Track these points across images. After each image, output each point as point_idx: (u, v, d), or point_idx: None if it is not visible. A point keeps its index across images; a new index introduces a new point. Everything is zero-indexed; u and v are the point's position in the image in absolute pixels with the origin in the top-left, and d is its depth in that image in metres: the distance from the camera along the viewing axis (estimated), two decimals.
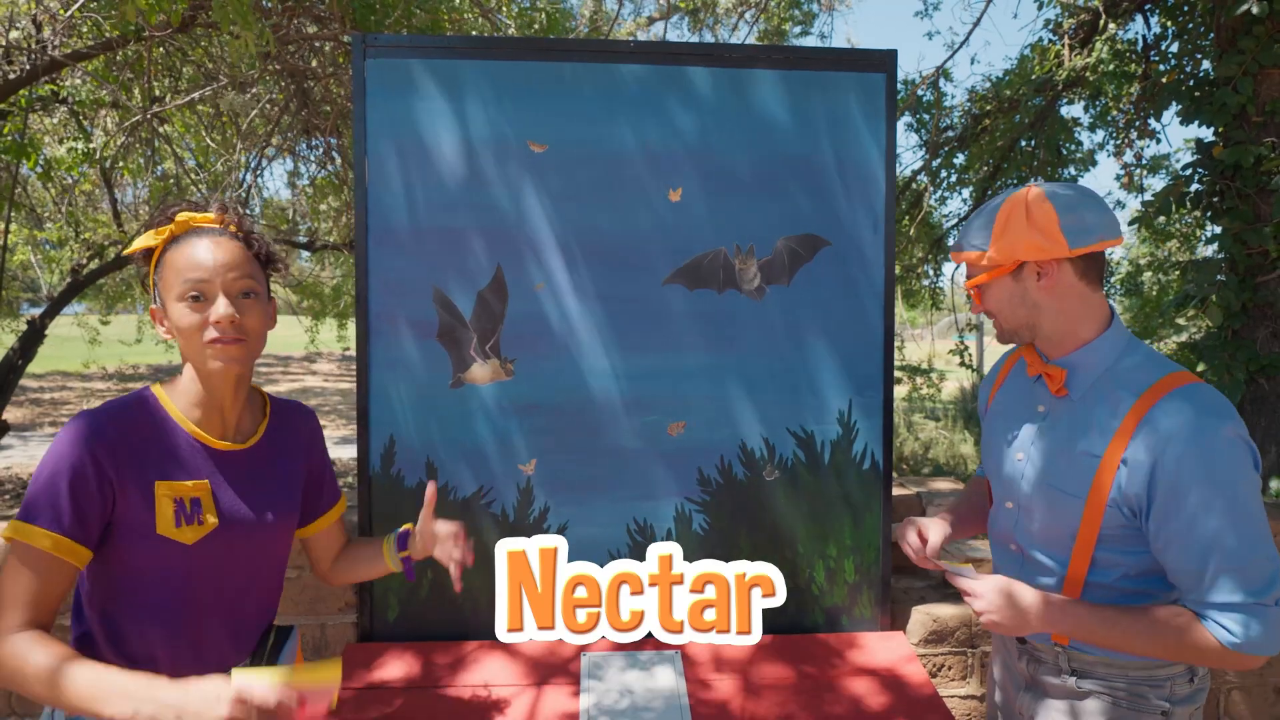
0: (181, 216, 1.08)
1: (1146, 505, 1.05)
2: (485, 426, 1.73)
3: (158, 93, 4.97)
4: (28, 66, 4.16)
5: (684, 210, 1.74)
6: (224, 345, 1.04)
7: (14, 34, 4.20)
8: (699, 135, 1.74)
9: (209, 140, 4.72)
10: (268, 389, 1.11)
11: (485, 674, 1.62)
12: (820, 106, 1.76)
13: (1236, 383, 2.94)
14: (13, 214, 4.67)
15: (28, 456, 7.76)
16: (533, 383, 1.73)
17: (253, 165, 5.45)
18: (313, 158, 5.24)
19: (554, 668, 1.64)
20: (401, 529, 1.32)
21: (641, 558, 1.75)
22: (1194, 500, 1.00)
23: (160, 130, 4.55)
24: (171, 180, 5.95)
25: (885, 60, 1.77)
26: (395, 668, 1.62)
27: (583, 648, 1.70)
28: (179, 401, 1.10)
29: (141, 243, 1.08)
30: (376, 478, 1.72)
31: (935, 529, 1.30)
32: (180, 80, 5.02)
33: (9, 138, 4.73)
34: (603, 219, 1.73)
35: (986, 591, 1.10)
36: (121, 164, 5.39)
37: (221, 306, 1.03)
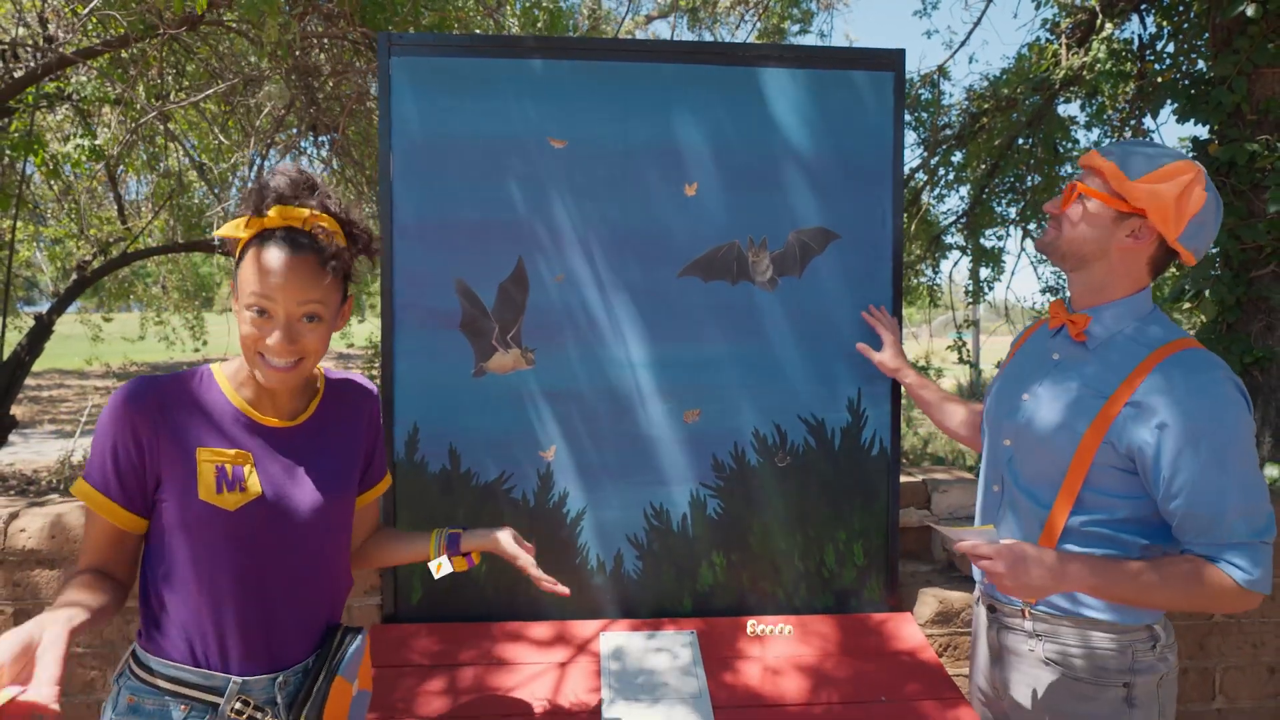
0: (274, 212, 1.04)
1: (1155, 453, 1.10)
2: (507, 414, 1.78)
3: (163, 90, 5.00)
4: (33, 64, 4.19)
5: (699, 204, 1.79)
6: (275, 371, 1.05)
7: (21, 31, 4.23)
8: (714, 131, 1.79)
9: (221, 138, 4.75)
10: None
11: (508, 654, 1.67)
12: (831, 103, 1.81)
13: None
14: (18, 211, 4.70)
15: (32, 453, 7.78)
16: (553, 371, 1.78)
17: (258, 163, 5.48)
18: (318, 155, 5.27)
19: (575, 648, 1.69)
20: (452, 530, 1.34)
21: (659, 542, 1.82)
22: (1207, 450, 1.07)
23: (168, 127, 4.58)
24: (173, 177, 5.98)
25: (894, 59, 1.83)
26: (421, 648, 1.67)
27: (603, 627, 1.75)
28: (233, 380, 1.13)
29: (229, 231, 1.07)
30: (401, 464, 1.77)
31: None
32: (184, 77, 5.05)
33: (15, 134, 4.76)
34: (621, 213, 1.78)
35: (1002, 553, 1.09)
36: (126, 161, 5.42)
37: (277, 335, 1.03)
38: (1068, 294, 1.31)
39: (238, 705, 1.05)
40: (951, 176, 6.91)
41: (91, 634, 1.74)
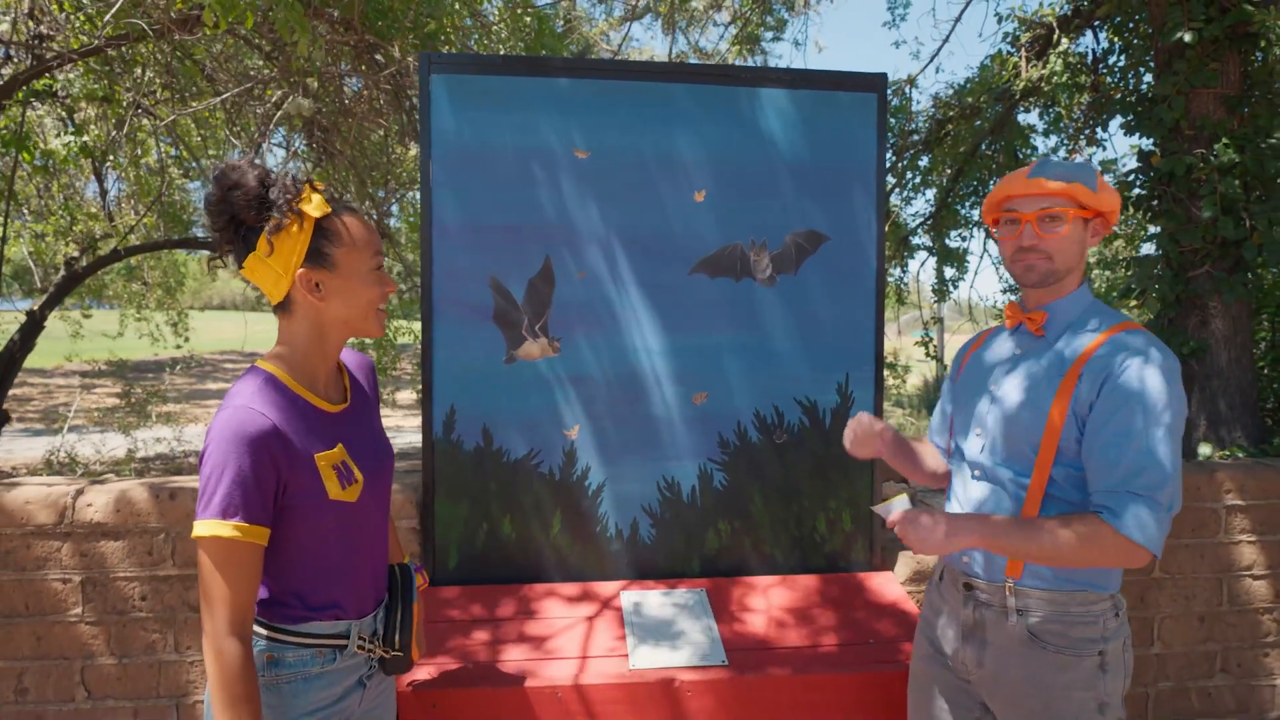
0: (320, 184, 1.17)
1: (1089, 410, 1.21)
2: (535, 397, 1.97)
3: (154, 89, 5.06)
4: (27, 62, 4.24)
5: (707, 209, 2.01)
6: (384, 314, 1.21)
7: (7, 28, 4.27)
8: (720, 144, 2.01)
9: (226, 134, 4.83)
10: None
11: (542, 610, 1.87)
12: (822, 120, 2.04)
13: None
14: (5, 206, 4.71)
15: (4, 451, 7.70)
16: (576, 358, 1.98)
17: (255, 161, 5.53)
18: (309, 156, 5.37)
19: (600, 604, 1.90)
20: (421, 571, 1.44)
21: (670, 511, 2.03)
22: (1127, 410, 1.17)
23: (171, 127, 4.65)
24: (160, 174, 6.02)
25: (876, 82, 2.07)
26: (461, 608, 1.86)
27: (622, 587, 1.96)
28: (294, 376, 1.17)
29: (317, 209, 1.13)
30: (439, 442, 1.95)
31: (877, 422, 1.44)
32: (174, 75, 5.11)
33: (5, 130, 4.78)
34: (637, 216, 1.99)
35: (910, 518, 1.21)
36: (112, 158, 5.45)
37: (393, 282, 1.22)
38: (1017, 296, 1.45)
39: (359, 642, 1.21)
40: (918, 180, 7.24)
41: (153, 599, 1.90)
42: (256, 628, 1.15)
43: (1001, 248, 1.35)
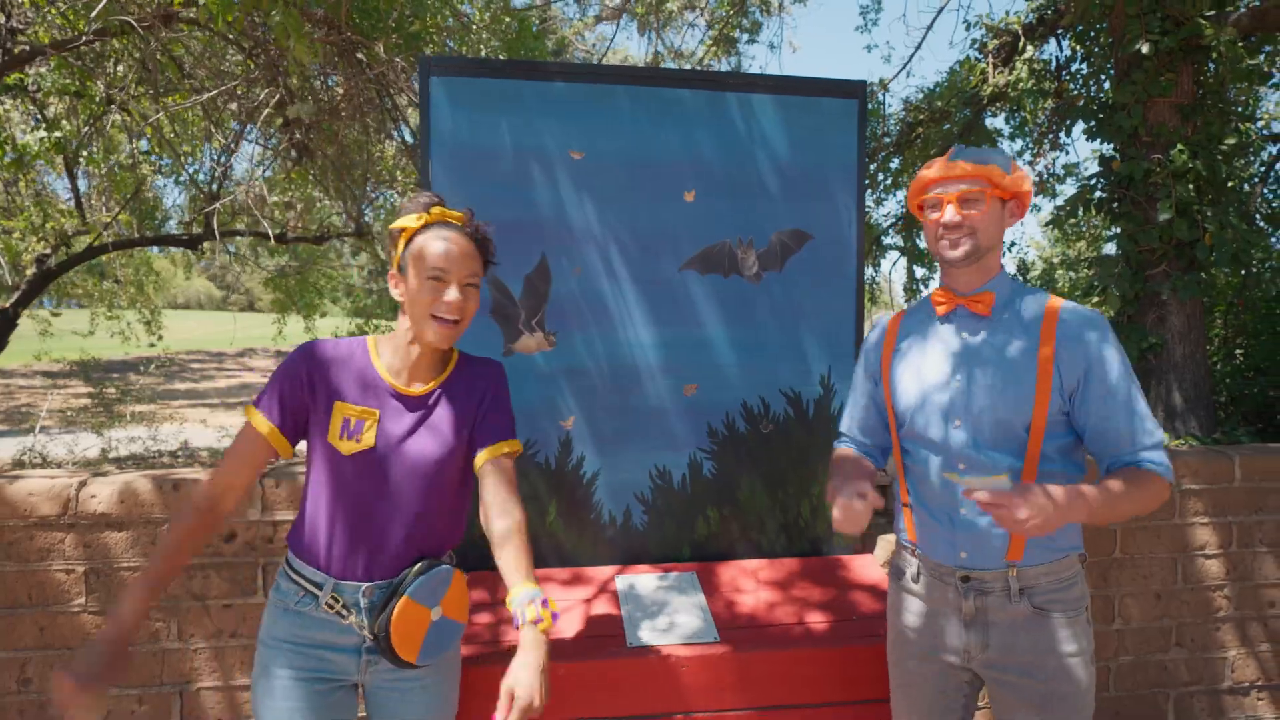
0: (436, 210, 1.36)
1: (1082, 387, 1.30)
2: (531, 389, 2.04)
3: (128, 84, 5.01)
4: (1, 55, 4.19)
5: (696, 208, 2.10)
6: (444, 325, 1.33)
7: None
8: (709, 146, 2.09)
9: (215, 133, 4.80)
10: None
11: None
12: (806, 124, 2.14)
13: (1131, 359, 3.50)
14: None
15: None
16: (572, 352, 2.06)
17: (222, 159, 5.52)
18: (288, 155, 5.35)
19: (595, 588, 1.97)
20: (544, 597, 1.26)
21: (662, 499, 2.11)
22: (1116, 374, 1.29)
23: (150, 124, 4.61)
24: (133, 170, 5.95)
25: (857, 89, 2.17)
26: None
27: (616, 571, 2.04)
28: (382, 349, 1.39)
29: (404, 223, 1.35)
30: None
31: (865, 484, 1.31)
32: (155, 71, 5.07)
33: None
34: (630, 215, 2.07)
35: (1024, 498, 1.16)
36: (85, 154, 5.37)
37: (453, 293, 1.32)
38: (939, 283, 1.47)
39: (329, 600, 1.28)
40: (889, 182, 7.43)
41: None
42: (288, 548, 1.37)
43: (926, 230, 1.41)
